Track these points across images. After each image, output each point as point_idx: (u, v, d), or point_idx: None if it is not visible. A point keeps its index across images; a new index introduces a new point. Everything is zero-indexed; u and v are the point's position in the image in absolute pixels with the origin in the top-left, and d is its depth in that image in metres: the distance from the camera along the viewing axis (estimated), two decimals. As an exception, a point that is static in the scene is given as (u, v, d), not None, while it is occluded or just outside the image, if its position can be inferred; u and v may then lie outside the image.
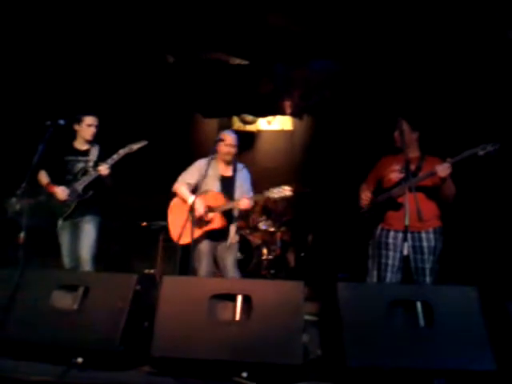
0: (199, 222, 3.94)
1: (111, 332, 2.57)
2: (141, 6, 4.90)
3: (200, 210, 3.89)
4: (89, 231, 4.06)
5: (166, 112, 6.68)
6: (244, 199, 3.95)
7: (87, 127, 4.15)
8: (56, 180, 4.07)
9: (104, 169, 3.97)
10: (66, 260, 4.06)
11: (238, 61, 6.32)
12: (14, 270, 2.95)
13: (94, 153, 4.20)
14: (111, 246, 5.45)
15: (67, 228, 4.06)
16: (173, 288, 2.72)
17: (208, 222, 3.97)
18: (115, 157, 4.02)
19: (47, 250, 4.34)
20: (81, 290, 2.76)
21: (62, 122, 3.79)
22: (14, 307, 2.71)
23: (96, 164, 4.11)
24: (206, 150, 4.17)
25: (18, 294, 2.76)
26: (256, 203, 5.13)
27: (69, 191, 3.99)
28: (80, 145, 4.21)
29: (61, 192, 3.97)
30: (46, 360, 2.56)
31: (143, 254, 5.77)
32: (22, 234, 3.54)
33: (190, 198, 3.92)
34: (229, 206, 4.01)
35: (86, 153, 4.19)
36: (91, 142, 4.23)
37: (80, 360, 2.53)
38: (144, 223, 5.87)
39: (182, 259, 4.84)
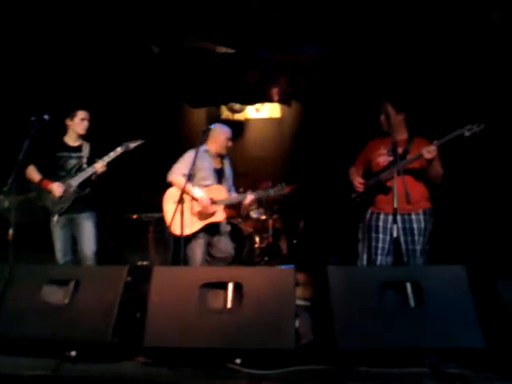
0: (202, 214, 4.00)
1: (103, 324, 2.57)
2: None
3: (205, 203, 3.92)
4: (88, 228, 4.06)
5: (153, 103, 6.64)
6: (250, 196, 4.12)
7: (80, 121, 4.12)
8: (48, 176, 4.03)
9: (101, 166, 3.97)
10: (60, 255, 4.02)
11: (223, 49, 6.28)
12: (3, 266, 2.94)
13: (86, 149, 4.17)
14: (104, 239, 5.45)
15: (62, 224, 4.03)
16: (164, 278, 2.72)
17: (211, 215, 4.01)
18: (112, 154, 4.02)
19: (37, 245, 4.32)
20: (71, 284, 2.75)
21: (46, 117, 3.76)
22: (4, 303, 2.70)
23: (90, 160, 4.09)
24: (194, 140, 4.16)
25: (7, 290, 2.75)
26: None
27: (64, 187, 3.97)
28: (72, 141, 4.16)
29: (56, 188, 3.94)
30: (40, 355, 2.55)
31: (135, 247, 5.76)
32: (10, 231, 3.53)
33: (197, 192, 3.97)
34: (234, 200, 4.11)
35: (78, 149, 4.15)
36: (83, 138, 4.20)
37: (73, 353, 2.53)
38: (135, 216, 5.86)
39: (175, 250, 4.84)
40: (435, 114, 4.68)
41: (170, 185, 4.17)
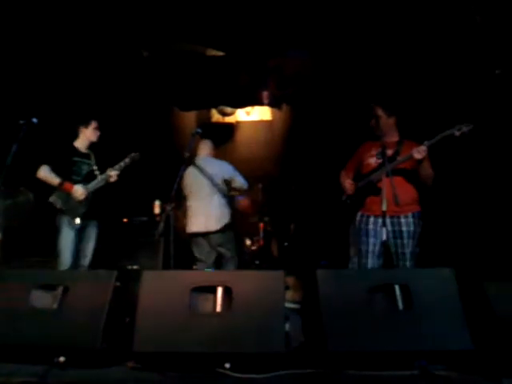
0: None
1: (92, 329, 2.55)
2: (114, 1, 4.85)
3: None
4: (92, 237, 4.12)
5: (143, 106, 6.62)
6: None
7: (94, 130, 4.24)
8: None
9: (114, 175, 4.04)
10: (68, 260, 3.94)
11: (213, 52, 6.28)
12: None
13: (93, 156, 4.26)
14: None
15: (78, 227, 4.02)
16: (153, 282, 2.71)
17: None
18: (122, 164, 4.13)
19: (25, 249, 4.29)
20: (60, 289, 2.73)
21: (35, 120, 3.74)
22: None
23: (100, 168, 4.17)
24: (184, 143, 4.16)
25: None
26: None
27: (87, 191, 3.99)
28: (83, 147, 4.24)
29: (81, 191, 3.97)
30: (28, 361, 2.53)
31: (125, 251, 5.73)
32: (-1, 235, 3.51)
33: None
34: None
35: (88, 156, 4.24)
36: (90, 147, 4.28)
37: (62, 359, 2.51)
38: (125, 219, 5.83)
39: (165, 254, 4.83)
40: (425, 117, 4.71)
41: None
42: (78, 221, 3.97)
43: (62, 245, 3.95)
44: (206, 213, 4.54)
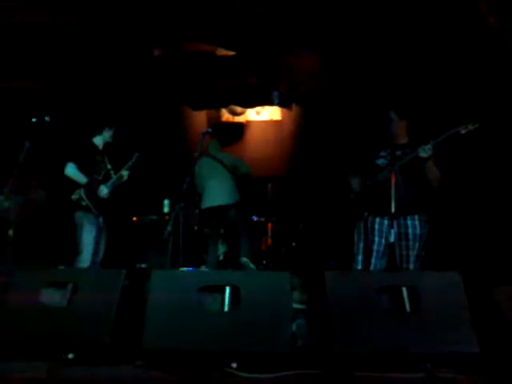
0: None
1: (101, 327, 2.58)
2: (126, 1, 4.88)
3: None
4: (104, 235, 4.15)
5: (154, 105, 6.66)
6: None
7: (109, 138, 4.34)
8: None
9: (126, 175, 4.12)
10: (90, 257, 4.01)
11: (224, 52, 6.30)
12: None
13: (106, 156, 4.36)
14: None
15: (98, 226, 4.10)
16: (162, 281, 2.74)
17: None
18: (131, 164, 4.29)
19: (36, 246, 4.34)
20: (69, 287, 2.76)
21: (47, 118, 3.78)
22: (2, 306, 2.72)
23: (114, 168, 4.28)
24: (195, 142, 4.19)
25: (6, 293, 2.77)
26: None
27: (110, 191, 4.08)
28: (100, 145, 4.34)
29: (106, 191, 4.06)
30: (38, 358, 2.57)
31: (135, 249, 5.77)
32: (10, 232, 3.55)
33: None
34: None
35: (104, 155, 4.33)
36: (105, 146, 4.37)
37: (71, 356, 2.55)
38: (135, 218, 5.87)
39: (174, 253, 4.86)
40: (434, 120, 4.69)
41: None
42: (101, 219, 4.03)
43: (85, 242, 3.99)
44: (219, 189, 5.17)
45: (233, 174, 5.33)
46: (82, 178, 4.07)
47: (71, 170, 4.06)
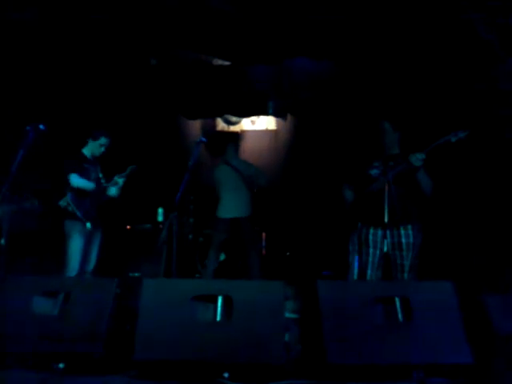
0: None
1: (93, 337, 2.56)
2: (123, 9, 4.90)
3: None
4: (97, 243, 4.14)
5: (148, 114, 6.66)
6: None
7: (99, 146, 4.25)
8: None
9: (122, 182, 4.17)
10: (77, 266, 3.97)
11: (220, 62, 6.34)
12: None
13: (98, 165, 4.32)
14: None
15: (89, 233, 4.07)
16: (154, 290, 2.72)
17: None
18: (124, 174, 4.23)
19: (30, 255, 4.32)
20: (61, 296, 2.75)
21: (42, 126, 3.77)
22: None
23: (105, 176, 4.25)
24: (189, 151, 4.19)
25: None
26: None
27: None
28: (89, 155, 4.29)
29: (114, 189, 4.09)
30: (28, 367, 2.54)
31: (128, 258, 5.75)
32: (2, 240, 3.52)
33: None
34: None
35: (95, 163, 4.29)
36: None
37: (61, 366, 2.52)
38: (128, 226, 5.85)
39: (167, 262, 4.83)
40: (426, 131, 4.72)
41: None
42: (88, 225, 4.00)
43: (72, 251, 3.96)
44: (235, 201, 5.15)
45: (248, 184, 5.21)
46: (89, 184, 4.08)
47: (77, 180, 4.04)
